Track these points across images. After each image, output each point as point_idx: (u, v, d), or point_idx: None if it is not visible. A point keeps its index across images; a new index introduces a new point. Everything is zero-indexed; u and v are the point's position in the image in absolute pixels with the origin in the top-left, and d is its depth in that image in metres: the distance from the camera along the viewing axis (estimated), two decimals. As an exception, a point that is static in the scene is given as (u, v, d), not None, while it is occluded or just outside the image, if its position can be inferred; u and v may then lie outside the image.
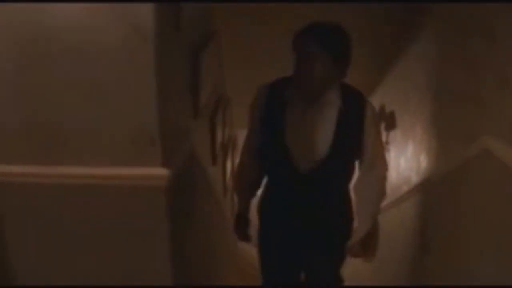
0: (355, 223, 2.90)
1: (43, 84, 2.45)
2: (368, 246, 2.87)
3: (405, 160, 4.89)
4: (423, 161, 4.31)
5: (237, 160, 3.82)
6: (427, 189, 4.06)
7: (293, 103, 2.63)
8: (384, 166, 2.81)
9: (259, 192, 3.02)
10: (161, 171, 2.55)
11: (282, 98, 2.63)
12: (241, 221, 3.06)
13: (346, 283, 3.07)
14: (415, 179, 4.48)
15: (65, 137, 2.51)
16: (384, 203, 3.23)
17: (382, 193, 2.84)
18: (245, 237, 3.06)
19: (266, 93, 2.70)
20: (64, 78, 2.44)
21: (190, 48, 3.18)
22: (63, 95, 2.46)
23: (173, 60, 2.73)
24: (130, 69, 2.43)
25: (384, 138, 5.12)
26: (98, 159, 2.53)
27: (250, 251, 5.11)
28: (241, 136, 3.36)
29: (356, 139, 2.67)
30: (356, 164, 2.81)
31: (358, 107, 2.65)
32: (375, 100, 5.63)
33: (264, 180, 2.94)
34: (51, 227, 2.62)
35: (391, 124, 5.31)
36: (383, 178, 2.81)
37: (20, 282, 2.68)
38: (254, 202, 3.04)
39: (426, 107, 4.28)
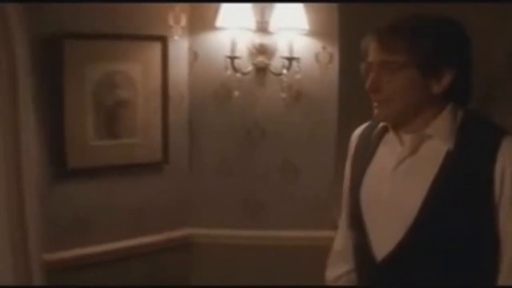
0: None
1: (249, 162, 3.21)
2: None
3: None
4: None
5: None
6: None
7: (380, 146, 1.69)
8: None
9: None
10: (333, 234, 3.25)
11: (369, 141, 1.73)
12: None
13: None
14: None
15: (262, 204, 3.22)
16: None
17: None
18: None
19: (358, 135, 1.80)
20: (264, 157, 3.21)
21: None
22: (262, 171, 3.21)
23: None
24: (315, 152, 3.21)
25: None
26: (285, 223, 3.23)
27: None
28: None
29: (479, 209, 1.52)
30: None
31: (485, 150, 1.52)
32: None
33: None
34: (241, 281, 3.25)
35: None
36: None
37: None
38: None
39: None
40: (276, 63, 3.14)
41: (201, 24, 3.15)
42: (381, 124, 1.68)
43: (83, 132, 2.85)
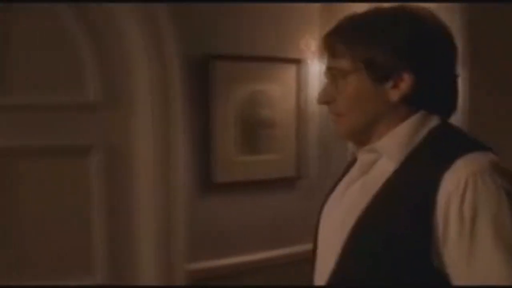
0: None
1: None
2: None
3: None
4: None
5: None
6: None
7: (354, 166, 1.42)
8: None
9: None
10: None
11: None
12: None
13: None
14: None
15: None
16: None
17: None
18: None
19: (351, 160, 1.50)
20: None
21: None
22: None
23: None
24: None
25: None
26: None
27: None
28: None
29: (418, 246, 1.20)
30: None
31: (431, 173, 1.20)
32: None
33: None
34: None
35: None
36: None
37: None
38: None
39: None
40: (400, 85, 3.27)
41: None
42: None
43: (227, 148, 3.03)
